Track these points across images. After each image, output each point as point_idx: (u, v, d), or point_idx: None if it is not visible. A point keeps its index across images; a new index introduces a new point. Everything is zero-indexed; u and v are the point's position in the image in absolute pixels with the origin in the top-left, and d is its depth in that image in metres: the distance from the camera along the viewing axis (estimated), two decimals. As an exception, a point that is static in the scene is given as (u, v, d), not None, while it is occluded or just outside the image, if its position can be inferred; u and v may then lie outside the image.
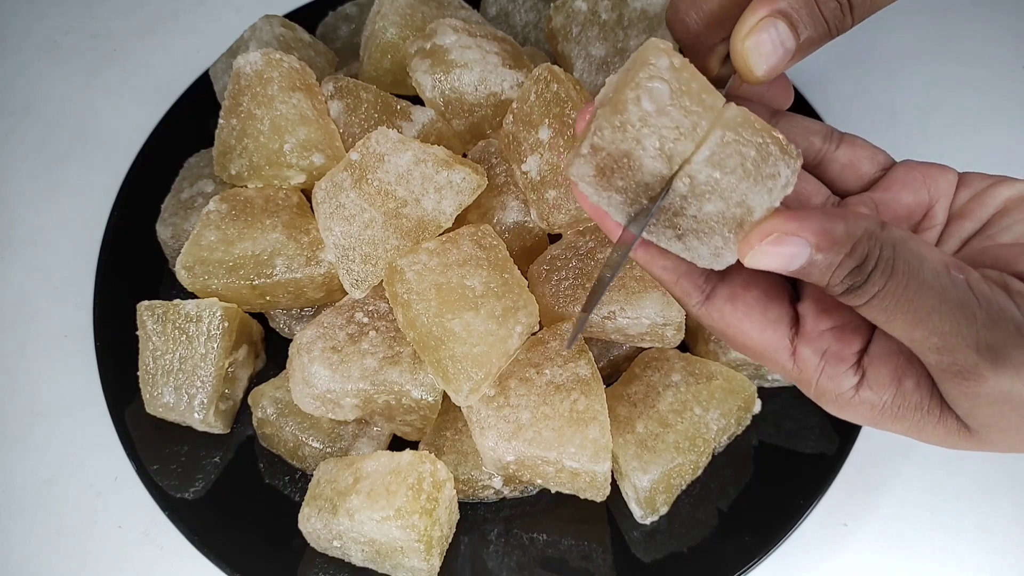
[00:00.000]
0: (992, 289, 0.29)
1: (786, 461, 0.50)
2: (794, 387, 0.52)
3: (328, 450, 0.50)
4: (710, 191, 0.30)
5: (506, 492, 0.50)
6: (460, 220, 0.51)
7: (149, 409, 0.51)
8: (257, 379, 0.54)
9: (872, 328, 0.34)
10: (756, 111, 0.37)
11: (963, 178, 0.37)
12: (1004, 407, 0.30)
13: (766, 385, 0.52)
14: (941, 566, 0.50)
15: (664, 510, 0.48)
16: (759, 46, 0.32)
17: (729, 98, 0.39)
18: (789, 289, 0.35)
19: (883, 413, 0.33)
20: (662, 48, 0.30)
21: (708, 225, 0.31)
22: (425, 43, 0.56)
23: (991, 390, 0.30)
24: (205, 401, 0.50)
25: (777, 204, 0.31)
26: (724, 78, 0.39)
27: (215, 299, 0.51)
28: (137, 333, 0.51)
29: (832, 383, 0.33)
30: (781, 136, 0.31)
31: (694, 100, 0.30)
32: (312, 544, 0.48)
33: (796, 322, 0.34)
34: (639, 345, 0.52)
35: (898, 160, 0.38)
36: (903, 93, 0.70)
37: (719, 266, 0.32)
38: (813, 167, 0.38)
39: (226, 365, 0.51)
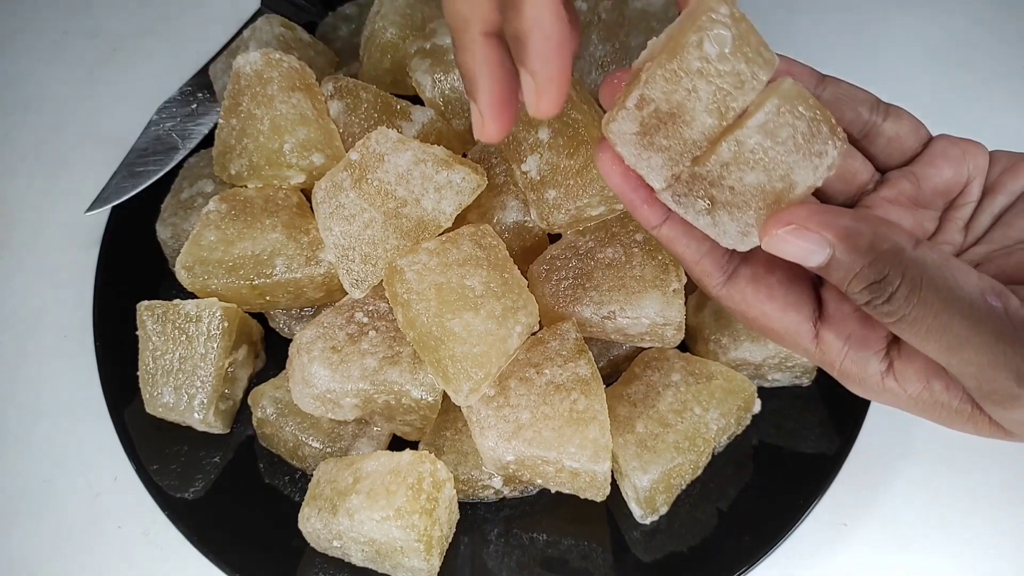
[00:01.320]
0: None
1: (786, 461, 0.50)
2: (794, 387, 0.52)
3: (328, 450, 0.50)
4: (756, 160, 0.29)
5: (506, 492, 0.50)
6: (460, 220, 0.51)
7: (149, 409, 0.51)
8: (257, 379, 0.54)
9: None
10: (803, 73, 0.36)
11: (992, 156, 0.36)
12: None
13: (766, 385, 0.52)
14: (941, 566, 0.50)
15: (664, 510, 0.48)
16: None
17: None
18: (812, 274, 0.35)
19: (909, 403, 0.32)
20: None
21: (744, 198, 0.30)
22: (425, 43, 0.56)
23: None
24: (205, 401, 0.50)
25: (820, 183, 0.30)
26: None
27: (215, 299, 0.51)
28: (137, 333, 0.51)
29: (856, 367, 0.32)
30: (831, 116, 0.30)
31: (753, 50, 0.29)
32: (312, 544, 0.48)
33: (819, 305, 0.34)
34: (639, 345, 0.52)
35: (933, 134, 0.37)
36: (903, 92, 0.70)
37: (743, 247, 0.31)
38: (859, 139, 0.37)
39: (226, 365, 0.51)
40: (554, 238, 0.54)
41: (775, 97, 0.29)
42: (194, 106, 0.64)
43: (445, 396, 0.48)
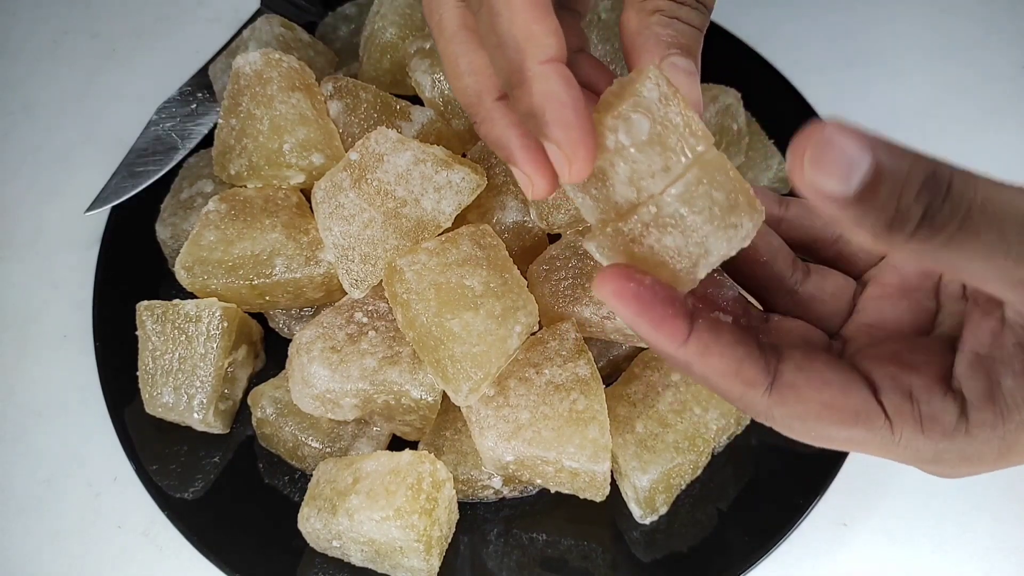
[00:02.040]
0: None
1: (786, 461, 0.50)
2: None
3: (327, 450, 0.50)
4: (673, 225, 0.30)
5: (506, 492, 0.50)
6: (460, 220, 0.51)
7: (148, 409, 0.51)
8: (257, 379, 0.54)
9: (939, 350, 0.31)
10: (762, 195, 0.36)
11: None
12: None
13: (766, 385, 0.52)
14: (941, 566, 0.50)
15: (664, 510, 0.48)
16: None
17: None
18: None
19: (1007, 435, 0.28)
20: (655, 77, 0.30)
21: (662, 259, 0.31)
22: (424, 43, 0.56)
23: None
24: (204, 401, 0.50)
25: (733, 253, 0.31)
26: None
27: (214, 299, 0.51)
28: (137, 333, 0.51)
29: (938, 424, 0.29)
30: (751, 189, 0.31)
31: (674, 137, 0.30)
32: (311, 544, 0.48)
33: (870, 379, 0.31)
34: (639, 345, 0.52)
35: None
36: (903, 93, 0.70)
37: None
38: (834, 244, 0.37)
39: (225, 365, 0.51)
40: (554, 238, 0.54)
41: (696, 168, 0.30)
42: (194, 106, 0.64)
43: (445, 396, 0.48)
